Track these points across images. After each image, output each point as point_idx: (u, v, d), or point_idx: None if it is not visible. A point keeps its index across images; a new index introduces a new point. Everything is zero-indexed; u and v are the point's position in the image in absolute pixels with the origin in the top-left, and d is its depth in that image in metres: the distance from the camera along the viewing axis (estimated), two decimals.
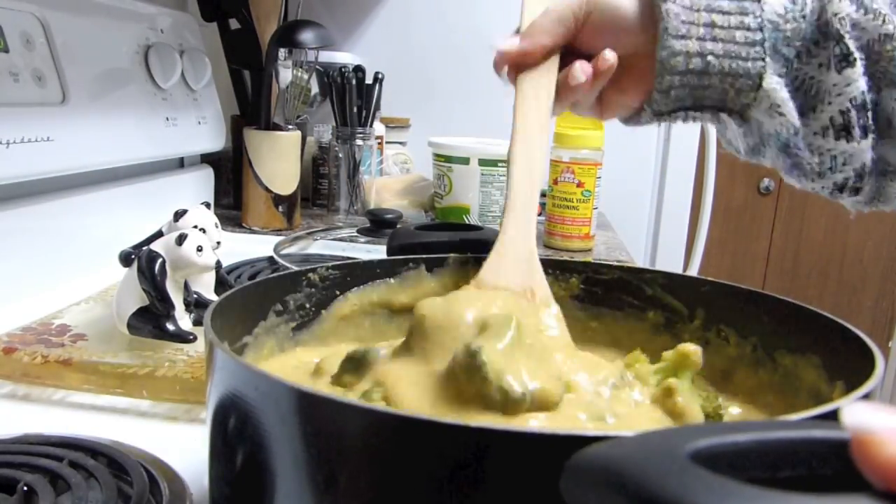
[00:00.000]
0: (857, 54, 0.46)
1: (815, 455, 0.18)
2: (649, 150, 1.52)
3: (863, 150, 0.48)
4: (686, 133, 1.54)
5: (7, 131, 0.64)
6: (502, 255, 0.44)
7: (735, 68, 0.47)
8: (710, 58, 0.47)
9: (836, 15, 0.46)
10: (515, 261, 0.43)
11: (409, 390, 0.33)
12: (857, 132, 0.47)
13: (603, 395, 0.34)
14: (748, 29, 0.47)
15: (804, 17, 0.47)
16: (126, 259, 0.57)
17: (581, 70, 0.49)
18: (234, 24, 1.13)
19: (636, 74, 0.50)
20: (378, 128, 1.26)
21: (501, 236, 0.44)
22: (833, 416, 0.24)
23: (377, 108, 1.19)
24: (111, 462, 0.39)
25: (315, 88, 1.27)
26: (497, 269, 0.43)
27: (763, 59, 0.47)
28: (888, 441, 0.16)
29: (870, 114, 0.47)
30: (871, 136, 0.47)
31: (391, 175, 1.30)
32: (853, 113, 0.47)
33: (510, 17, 0.52)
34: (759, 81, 0.47)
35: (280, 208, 1.05)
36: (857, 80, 0.46)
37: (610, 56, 0.49)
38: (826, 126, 0.47)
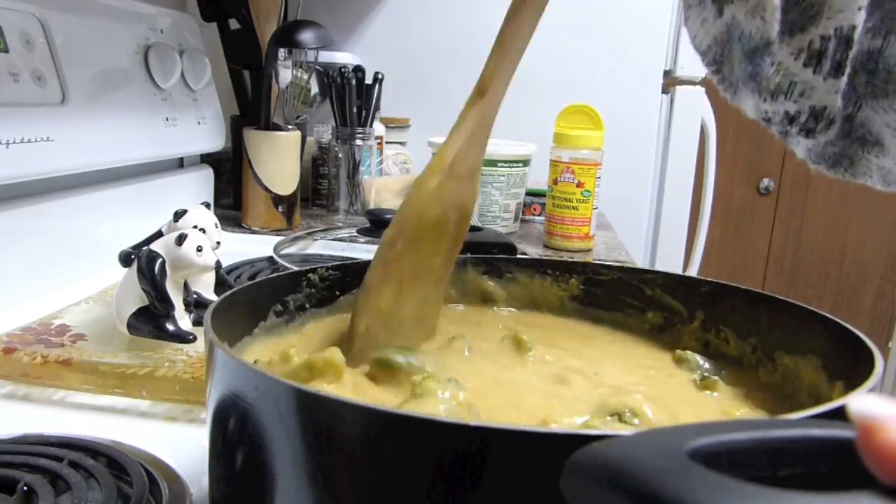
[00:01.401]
0: None
1: (814, 453, 0.18)
2: (649, 150, 1.52)
3: (826, 88, 0.43)
4: (686, 133, 1.54)
5: (7, 131, 0.64)
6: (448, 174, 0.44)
7: None
8: None
9: None
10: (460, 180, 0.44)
11: None
12: (826, 65, 0.43)
13: None
14: None
15: None
16: (126, 259, 0.57)
17: None
18: (234, 24, 1.13)
19: None
20: (378, 128, 1.26)
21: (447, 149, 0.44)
22: (833, 416, 0.24)
23: (377, 108, 1.19)
24: (111, 462, 0.39)
25: (315, 88, 1.27)
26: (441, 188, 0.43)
27: None
28: (894, 429, 0.16)
29: (850, 54, 0.42)
30: (842, 78, 0.43)
31: (391, 175, 1.30)
32: (832, 42, 0.42)
33: None
34: None
35: (280, 208, 1.05)
36: (852, 11, 0.42)
37: None
38: (802, 48, 0.43)
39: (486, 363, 0.41)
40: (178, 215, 0.65)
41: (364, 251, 0.84)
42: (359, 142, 1.16)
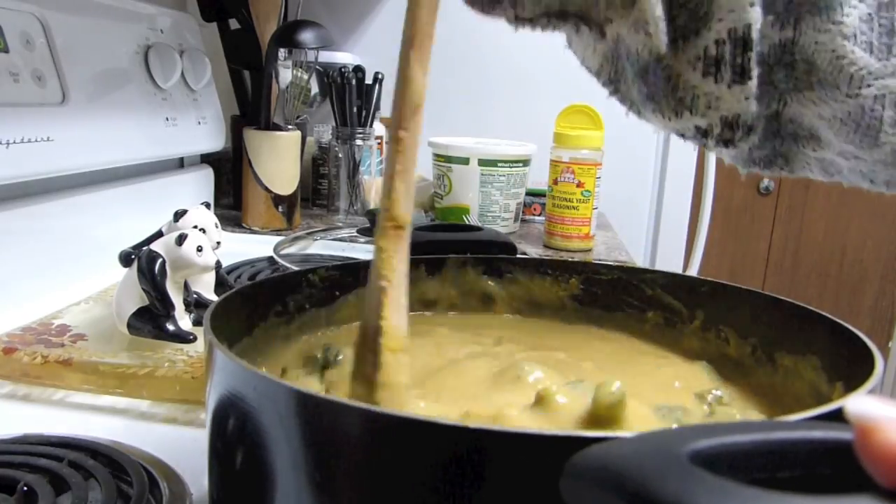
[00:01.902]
0: None
1: (814, 455, 0.18)
2: (649, 150, 1.52)
3: (734, 97, 0.38)
4: None
5: (7, 131, 0.64)
6: None
7: None
8: None
9: None
10: None
11: None
12: (727, 73, 0.38)
13: None
14: None
15: None
16: (126, 259, 0.57)
17: None
18: (234, 24, 1.13)
19: None
20: (378, 128, 1.26)
21: None
22: (833, 417, 0.24)
23: (377, 108, 1.19)
24: (111, 462, 0.39)
25: (315, 88, 1.27)
26: None
27: None
28: (891, 430, 0.16)
29: (751, 55, 0.37)
30: (749, 83, 0.38)
31: None
32: (727, 47, 0.37)
33: None
34: None
35: (280, 208, 1.05)
36: (743, 9, 0.37)
37: None
38: (698, 55, 0.38)
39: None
40: (178, 215, 0.65)
41: (364, 251, 0.84)
42: (359, 142, 1.16)
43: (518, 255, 0.52)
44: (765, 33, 0.38)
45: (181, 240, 0.54)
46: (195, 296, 0.58)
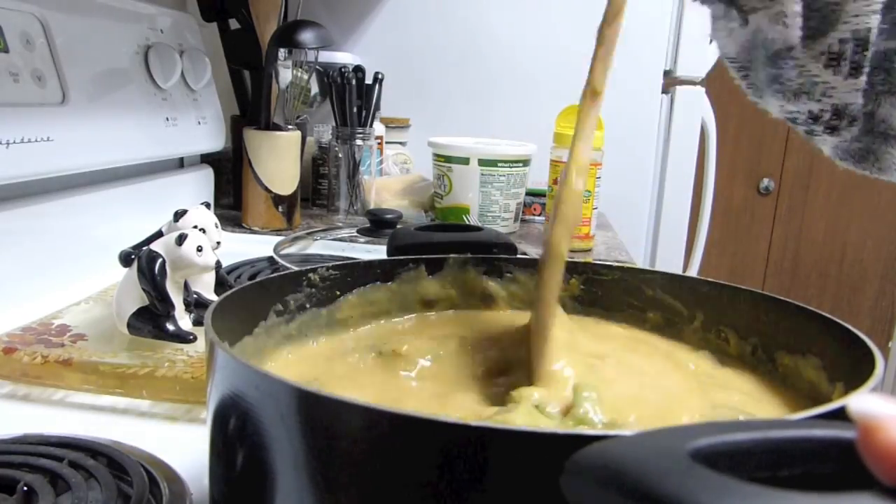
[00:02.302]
0: None
1: (815, 454, 0.18)
2: (649, 150, 1.52)
3: (847, 88, 0.47)
4: (686, 133, 1.54)
5: (7, 131, 0.64)
6: None
7: None
8: None
9: None
10: None
11: None
12: (845, 66, 0.46)
13: None
14: None
15: None
16: (126, 259, 0.57)
17: None
18: (234, 24, 1.13)
19: None
20: (378, 128, 1.26)
21: None
22: (834, 416, 0.24)
23: (377, 108, 1.19)
24: (111, 462, 0.39)
25: (315, 88, 1.27)
26: None
27: None
28: (895, 429, 0.16)
29: (867, 54, 0.46)
30: (861, 78, 0.46)
31: (391, 175, 1.30)
32: (850, 45, 0.45)
33: (509, 16, 0.52)
34: None
35: (280, 208, 1.05)
36: (868, 15, 0.45)
37: None
38: (823, 51, 0.46)
39: None
40: (178, 215, 0.65)
41: (364, 251, 0.84)
42: (359, 142, 1.16)
43: (518, 255, 0.52)
44: (872, 42, 0.46)
45: (181, 240, 0.54)
46: (195, 296, 0.58)
